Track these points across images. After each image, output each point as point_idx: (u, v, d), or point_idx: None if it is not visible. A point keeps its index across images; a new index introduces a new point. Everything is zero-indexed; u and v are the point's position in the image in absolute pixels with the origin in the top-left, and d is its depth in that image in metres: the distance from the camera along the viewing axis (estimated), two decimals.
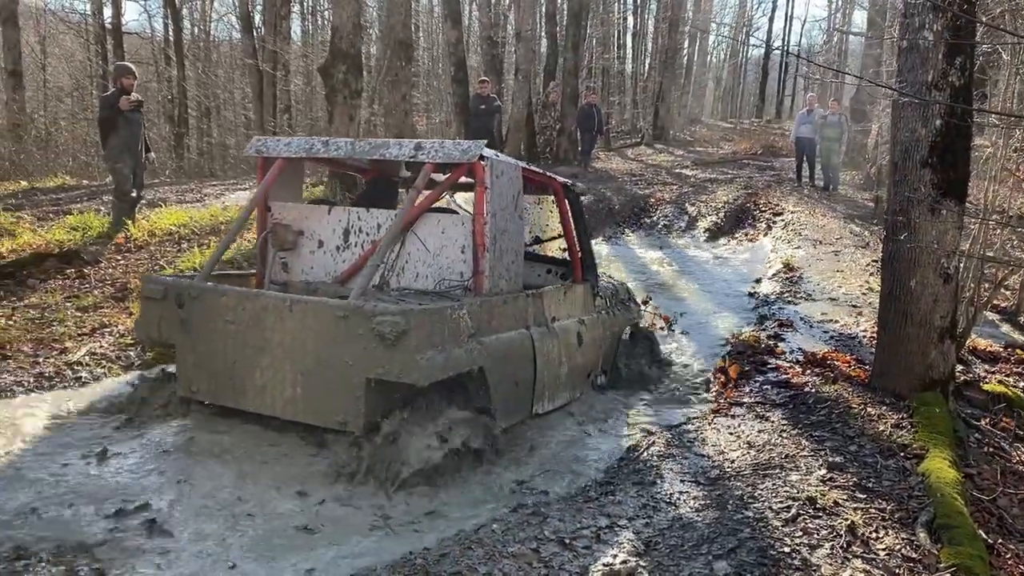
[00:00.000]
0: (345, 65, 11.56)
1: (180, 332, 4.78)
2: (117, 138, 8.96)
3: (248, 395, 4.57)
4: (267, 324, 4.46)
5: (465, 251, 4.99)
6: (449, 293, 4.96)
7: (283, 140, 5.47)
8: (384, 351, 4.10)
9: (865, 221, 14.31)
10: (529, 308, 5.27)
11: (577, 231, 6.13)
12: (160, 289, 4.85)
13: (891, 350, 5.49)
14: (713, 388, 6.29)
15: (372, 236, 5.30)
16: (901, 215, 5.27)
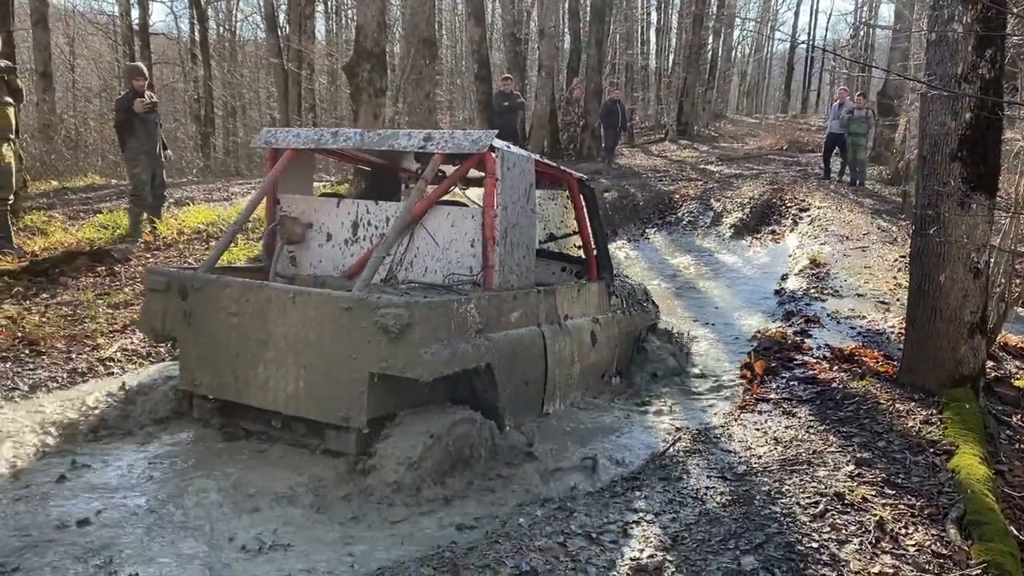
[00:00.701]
0: (370, 64, 11.60)
1: (183, 325, 4.66)
2: (135, 141, 9.04)
3: (250, 389, 4.46)
4: (270, 317, 4.34)
5: (475, 245, 4.83)
6: (457, 287, 4.80)
7: (292, 131, 5.38)
8: (388, 345, 3.98)
9: (893, 217, 14.17)
10: (541, 305, 5.17)
11: (592, 228, 6.03)
12: (163, 281, 4.73)
13: (920, 346, 5.44)
14: (740, 384, 6.26)
15: (381, 229, 5.13)
16: (930, 209, 5.22)
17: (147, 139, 9.11)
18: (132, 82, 9.15)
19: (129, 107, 8.94)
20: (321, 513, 3.83)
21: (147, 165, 9.12)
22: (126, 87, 9.34)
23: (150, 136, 9.16)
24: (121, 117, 9.03)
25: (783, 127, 30.30)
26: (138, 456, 4.40)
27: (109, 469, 4.22)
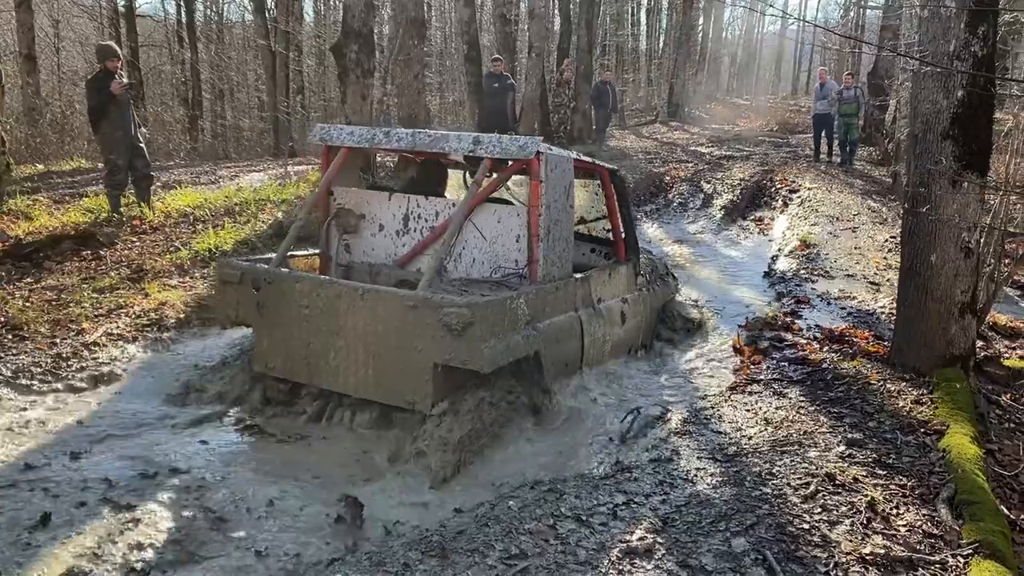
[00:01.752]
0: (357, 44, 11.48)
1: (256, 313, 5.05)
2: (109, 124, 8.78)
3: (322, 374, 4.86)
4: (340, 310, 4.72)
5: (520, 240, 5.26)
6: (506, 281, 5.22)
7: (346, 129, 5.67)
8: (451, 340, 4.37)
9: (883, 197, 14.16)
10: (578, 292, 5.58)
11: (622, 213, 6.41)
12: (236, 273, 5.10)
13: (911, 326, 5.42)
14: (730, 365, 6.24)
15: (431, 223, 5.57)
16: (922, 188, 5.18)
17: (121, 121, 8.90)
18: (107, 63, 8.93)
19: (104, 88, 8.74)
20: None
21: (123, 149, 8.93)
22: (99, 68, 9.07)
23: (124, 118, 8.94)
24: (100, 99, 8.77)
25: (773, 108, 30.27)
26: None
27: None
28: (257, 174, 14.47)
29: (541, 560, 3.13)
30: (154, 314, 6.33)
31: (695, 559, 3.16)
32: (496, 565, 3.09)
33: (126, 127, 8.92)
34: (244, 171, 15.28)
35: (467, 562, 3.11)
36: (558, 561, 3.13)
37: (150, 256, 7.69)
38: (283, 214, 9.26)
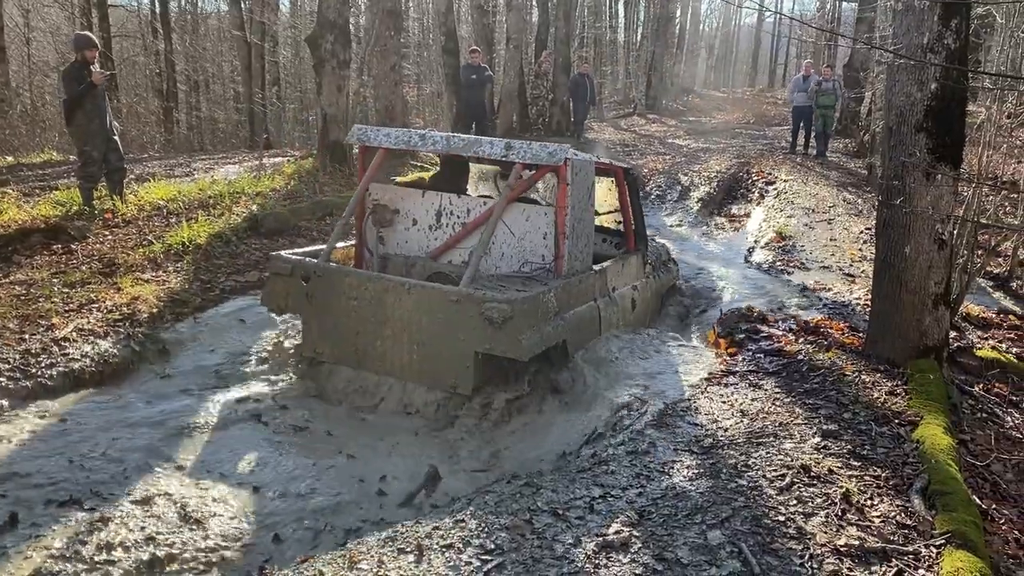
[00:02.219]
0: (333, 35, 11.39)
1: (305, 304, 5.51)
2: (84, 115, 8.61)
3: (369, 359, 5.34)
4: (388, 302, 5.19)
5: (547, 237, 5.75)
6: (535, 275, 5.70)
7: (383, 131, 6.09)
8: (492, 332, 4.85)
9: (858, 189, 14.25)
10: (596, 283, 6.07)
11: (633, 207, 6.93)
12: (287, 267, 5.56)
13: (885, 317, 5.45)
14: (706, 357, 6.25)
15: (462, 219, 6.07)
16: (896, 180, 5.21)
17: (96, 112, 8.75)
18: (84, 52, 8.77)
19: (82, 79, 8.58)
20: None
21: (98, 141, 8.78)
22: (76, 58, 8.89)
23: (99, 110, 8.78)
24: (76, 90, 8.60)
25: (750, 101, 30.38)
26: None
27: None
28: (232, 166, 14.30)
29: (517, 555, 3.11)
30: (126, 309, 6.24)
31: (671, 552, 3.16)
32: (472, 560, 3.08)
33: (101, 118, 8.76)
34: (219, 163, 15.11)
35: (442, 559, 3.09)
36: (534, 556, 3.11)
37: (122, 250, 7.57)
38: (258, 207, 9.17)
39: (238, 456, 4.54)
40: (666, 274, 7.75)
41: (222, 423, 4.96)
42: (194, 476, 4.27)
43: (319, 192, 10.38)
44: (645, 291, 7.04)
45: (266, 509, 3.99)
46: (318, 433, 4.97)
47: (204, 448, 4.62)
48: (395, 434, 5.02)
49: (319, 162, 11.69)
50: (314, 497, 4.14)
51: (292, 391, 5.53)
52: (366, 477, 4.41)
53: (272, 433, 4.88)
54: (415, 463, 4.58)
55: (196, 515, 3.83)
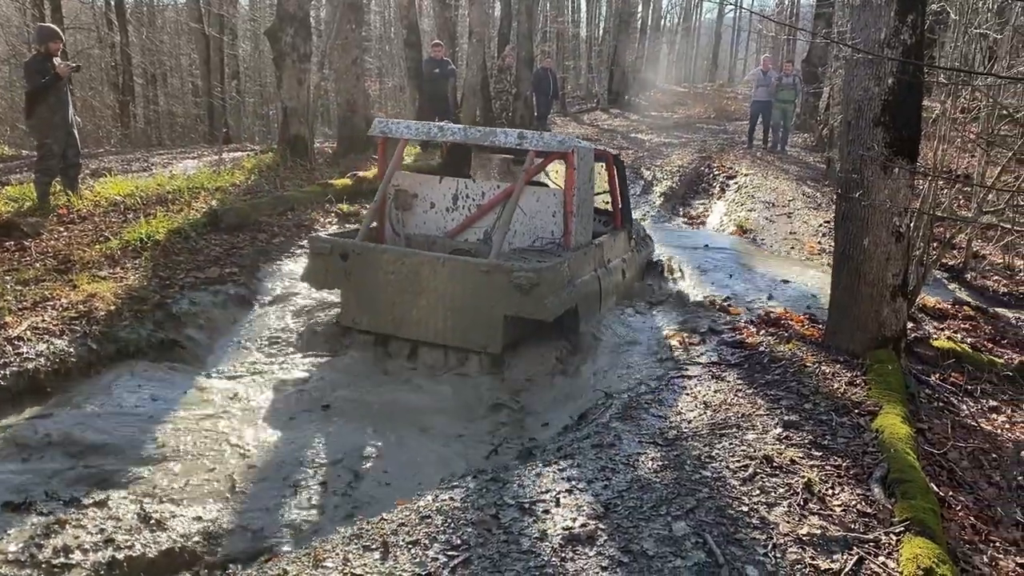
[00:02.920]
0: (293, 28, 11.26)
1: (344, 279, 6.16)
2: (48, 108, 8.43)
3: (405, 326, 6.01)
4: (423, 275, 5.85)
5: (556, 216, 6.58)
6: (547, 249, 6.51)
7: (403, 123, 6.86)
8: (521, 297, 5.55)
9: (817, 183, 14.46)
10: (596, 255, 6.79)
11: (620, 189, 7.74)
12: (327, 247, 6.21)
13: (844, 309, 5.53)
14: (669, 349, 6.30)
15: (477, 201, 6.91)
16: (854, 174, 5.27)
17: (59, 106, 8.56)
18: (49, 44, 8.53)
19: (45, 71, 8.36)
20: None
21: (60, 135, 8.58)
22: (40, 49, 8.64)
23: (62, 103, 8.59)
24: (41, 82, 8.35)
25: (711, 96, 30.61)
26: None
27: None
28: (191, 161, 14.09)
29: (484, 550, 3.11)
30: (83, 307, 6.11)
31: (637, 544, 3.17)
32: (438, 556, 3.06)
33: (64, 112, 8.56)
34: (177, 158, 14.87)
35: (408, 556, 3.07)
36: (501, 551, 3.11)
37: (78, 247, 7.41)
38: (218, 203, 9.03)
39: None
40: (645, 249, 8.58)
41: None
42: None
43: (280, 187, 10.26)
44: (631, 263, 7.88)
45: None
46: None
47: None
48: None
49: (279, 157, 11.57)
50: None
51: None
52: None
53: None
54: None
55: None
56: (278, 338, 6.53)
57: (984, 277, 9.85)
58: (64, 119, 8.54)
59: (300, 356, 6.18)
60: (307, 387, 5.57)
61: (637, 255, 8.18)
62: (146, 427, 4.76)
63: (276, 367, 5.98)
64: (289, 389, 5.55)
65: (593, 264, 6.69)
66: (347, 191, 10.18)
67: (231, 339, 6.45)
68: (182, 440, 4.64)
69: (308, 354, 6.20)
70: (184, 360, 6.05)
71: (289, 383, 5.67)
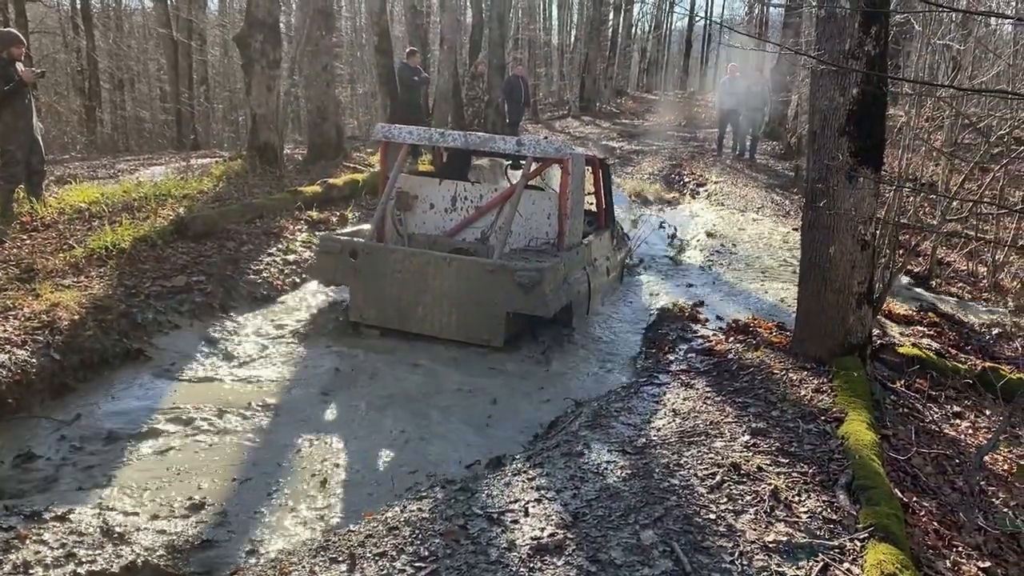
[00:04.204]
0: (262, 34, 11.18)
1: (352, 276, 6.48)
2: (12, 114, 8.26)
3: (411, 321, 6.36)
4: (429, 273, 6.21)
5: (550, 218, 7.09)
6: (542, 249, 6.92)
7: (406, 129, 7.14)
8: (523, 294, 5.95)
9: (785, 190, 14.62)
10: (585, 254, 7.14)
11: (605, 190, 8.16)
12: (337, 245, 6.55)
13: (811, 316, 5.59)
14: (639, 357, 6.32)
15: (475, 203, 7.41)
16: (820, 183, 5.33)
17: (23, 112, 8.41)
18: (11, 49, 8.37)
19: (9, 76, 8.20)
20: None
21: (24, 141, 8.43)
22: (2, 55, 8.49)
23: (26, 109, 8.44)
24: (9, 88, 8.08)
25: (681, 104, 30.88)
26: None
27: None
28: (158, 167, 13.96)
29: (452, 561, 3.09)
30: (45, 316, 6.00)
31: (605, 553, 3.18)
32: (405, 568, 3.04)
33: (28, 118, 8.42)
34: (145, 164, 14.72)
35: (375, 568, 3.05)
36: (468, 562, 3.10)
37: (41, 255, 7.29)
38: (185, 210, 8.93)
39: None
40: (624, 247, 9.02)
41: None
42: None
43: (249, 194, 10.15)
44: (614, 261, 8.31)
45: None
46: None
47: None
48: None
49: (248, 163, 11.46)
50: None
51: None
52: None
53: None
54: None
55: None
56: (245, 347, 6.47)
57: (948, 284, 10.00)
58: (28, 125, 8.40)
59: (268, 362, 6.12)
60: (277, 392, 5.52)
61: (619, 253, 8.61)
62: (114, 438, 4.69)
63: (246, 372, 5.92)
64: (263, 394, 5.49)
65: (583, 263, 7.04)
66: (317, 198, 10.10)
67: (198, 348, 6.37)
68: (151, 449, 4.58)
69: (275, 360, 6.14)
70: (150, 369, 5.96)
71: (264, 389, 5.60)
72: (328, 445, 4.77)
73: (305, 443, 4.77)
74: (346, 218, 9.88)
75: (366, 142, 18.49)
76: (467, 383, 5.75)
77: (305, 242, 8.81)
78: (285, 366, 6.06)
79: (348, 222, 9.79)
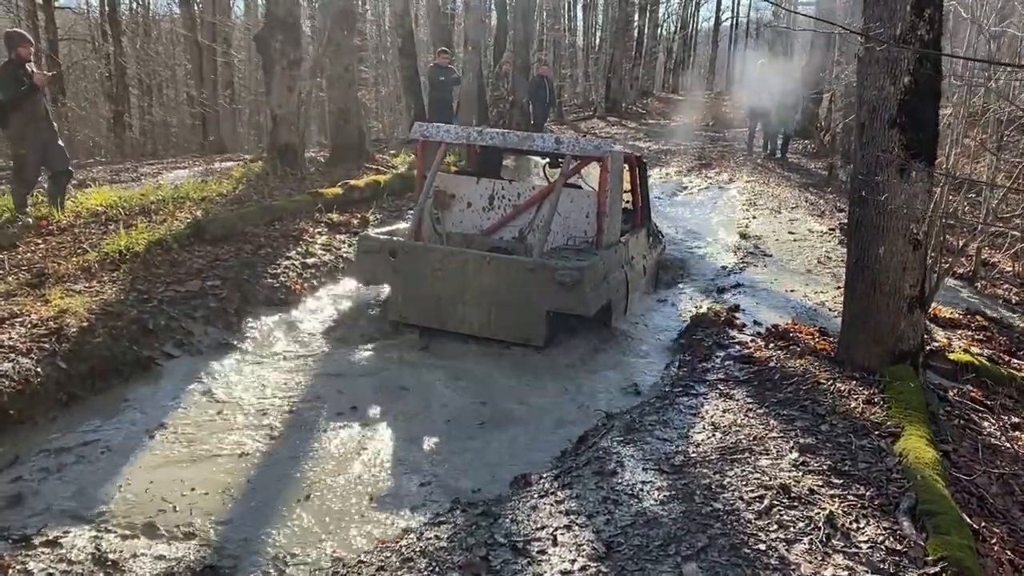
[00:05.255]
0: (283, 34, 10.95)
1: (392, 276, 6.42)
2: (22, 118, 8.06)
3: (451, 320, 6.27)
4: (469, 272, 6.10)
5: (589, 216, 7.03)
6: (581, 247, 6.85)
7: (443, 127, 7.08)
8: (564, 293, 5.84)
9: (819, 189, 14.18)
10: (623, 253, 6.98)
11: (641, 189, 8.05)
12: (377, 245, 6.49)
13: (859, 321, 5.20)
14: (673, 364, 5.98)
15: (513, 202, 7.37)
16: (869, 179, 4.97)
17: (37, 113, 8.21)
18: (19, 50, 8.19)
19: (19, 78, 8.02)
20: None
21: (36, 145, 8.25)
22: (10, 56, 8.29)
23: (36, 110, 8.25)
24: (16, 91, 7.90)
25: (708, 103, 30.39)
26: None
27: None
28: (182, 171, 13.81)
29: None
30: (53, 323, 5.78)
31: None
32: None
33: (37, 120, 8.24)
34: (168, 168, 14.59)
35: None
36: None
37: (54, 259, 7.09)
38: (203, 212, 8.72)
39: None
40: (659, 245, 8.85)
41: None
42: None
43: (268, 196, 9.94)
44: (650, 259, 8.16)
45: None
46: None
47: None
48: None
49: (269, 165, 11.24)
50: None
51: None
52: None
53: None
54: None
55: None
56: (260, 354, 6.21)
57: (994, 285, 9.53)
58: (41, 128, 8.23)
59: (284, 371, 5.85)
60: (289, 404, 5.24)
61: (655, 252, 8.49)
62: (115, 453, 4.44)
63: (260, 382, 5.65)
64: (277, 408, 5.22)
65: (621, 261, 6.91)
66: (338, 200, 9.85)
67: (211, 356, 6.12)
68: (153, 467, 4.31)
69: (292, 369, 5.88)
70: (159, 379, 5.72)
71: (279, 400, 5.33)
72: (346, 462, 4.48)
73: (318, 462, 4.47)
74: (367, 220, 9.62)
75: (389, 143, 18.29)
76: (500, 389, 5.54)
77: (325, 245, 8.56)
78: (303, 375, 5.79)
79: (369, 224, 9.53)
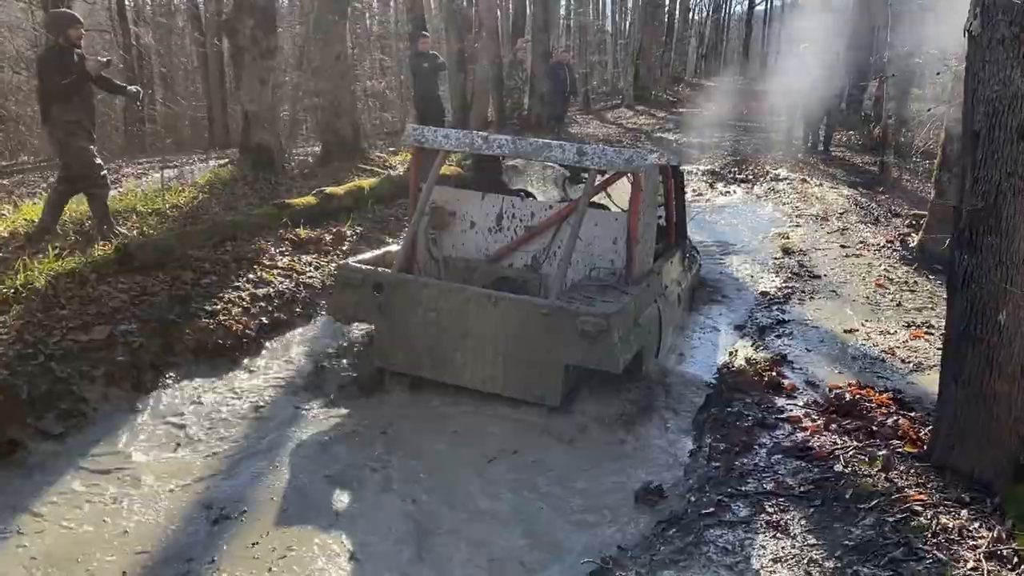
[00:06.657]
0: (253, 19, 9.57)
1: (376, 313, 5.31)
2: (71, 109, 6.71)
3: (448, 370, 5.14)
4: (470, 314, 4.98)
5: (616, 242, 5.68)
6: (608, 281, 5.54)
7: (441, 132, 5.87)
8: (587, 345, 4.65)
9: (870, 190, 12.61)
10: (656, 284, 5.80)
11: (678, 203, 6.88)
12: (358, 276, 5.35)
13: (967, 413, 3.68)
14: (699, 454, 4.50)
15: (525, 222, 5.99)
16: (984, 213, 3.46)
17: (83, 106, 6.82)
18: (68, 32, 6.74)
19: (66, 66, 6.61)
20: None
21: (85, 137, 6.82)
22: (57, 40, 6.84)
23: (86, 102, 6.86)
24: (65, 81, 6.56)
25: (742, 91, 28.63)
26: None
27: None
28: (171, 171, 12.44)
29: None
30: None
31: None
32: None
33: (91, 112, 6.94)
34: (157, 167, 13.17)
35: None
36: None
37: None
38: (138, 233, 7.36)
39: None
40: (695, 265, 7.64)
41: None
42: None
43: (232, 208, 8.58)
44: (685, 284, 6.97)
45: None
46: None
47: None
48: None
49: (239, 170, 9.87)
50: None
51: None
52: None
53: None
54: None
55: None
56: (175, 429, 4.85)
57: None
58: (92, 121, 6.97)
59: (203, 459, 4.50)
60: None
61: (690, 275, 7.28)
62: None
63: (174, 472, 4.30)
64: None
65: (654, 296, 5.69)
66: (309, 212, 8.37)
67: (105, 433, 4.76)
68: None
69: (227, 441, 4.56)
70: (27, 469, 4.37)
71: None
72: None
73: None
74: (343, 235, 8.20)
75: (399, 138, 16.90)
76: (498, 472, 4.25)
77: (285, 269, 7.16)
78: (227, 461, 4.43)
79: (346, 240, 8.13)
